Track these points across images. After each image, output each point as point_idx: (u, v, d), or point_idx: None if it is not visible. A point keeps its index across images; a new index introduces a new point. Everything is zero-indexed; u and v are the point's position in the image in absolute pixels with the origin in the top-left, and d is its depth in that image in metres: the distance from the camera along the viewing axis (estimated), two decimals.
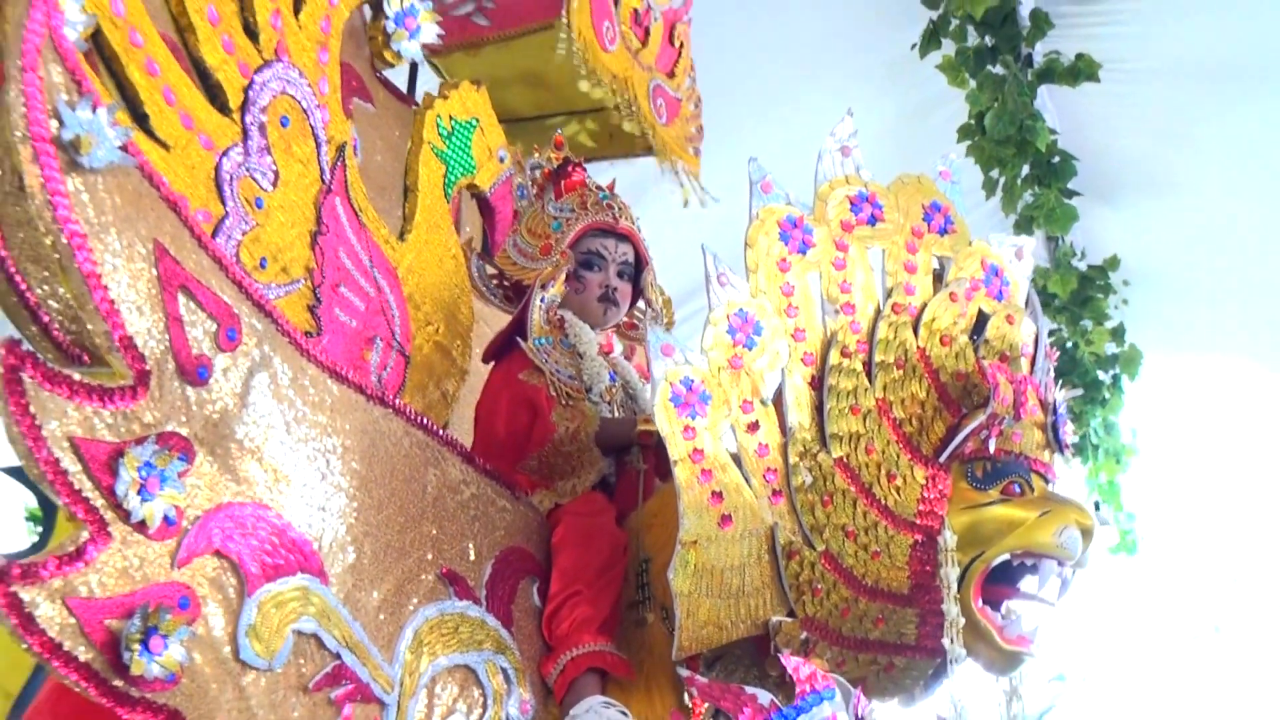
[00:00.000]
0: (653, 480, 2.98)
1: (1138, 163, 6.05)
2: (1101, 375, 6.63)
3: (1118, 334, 6.59)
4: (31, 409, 1.75)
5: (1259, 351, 6.89)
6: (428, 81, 3.29)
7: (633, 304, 3.28)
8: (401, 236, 2.50)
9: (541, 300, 3.00)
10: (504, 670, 2.47)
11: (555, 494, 2.87)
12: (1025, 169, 5.61)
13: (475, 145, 2.68)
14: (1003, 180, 5.62)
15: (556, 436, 2.88)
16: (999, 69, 5.44)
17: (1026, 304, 2.87)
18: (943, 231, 2.81)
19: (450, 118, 2.62)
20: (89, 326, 1.84)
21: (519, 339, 2.95)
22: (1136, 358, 6.61)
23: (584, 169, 3.18)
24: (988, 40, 5.46)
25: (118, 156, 1.85)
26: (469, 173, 2.66)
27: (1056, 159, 5.66)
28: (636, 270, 3.24)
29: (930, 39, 5.49)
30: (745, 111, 4.19)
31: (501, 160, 2.77)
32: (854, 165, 2.79)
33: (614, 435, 2.98)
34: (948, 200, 2.85)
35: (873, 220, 2.76)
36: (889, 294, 2.72)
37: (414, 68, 3.31)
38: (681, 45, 3.78)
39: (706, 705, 2.56)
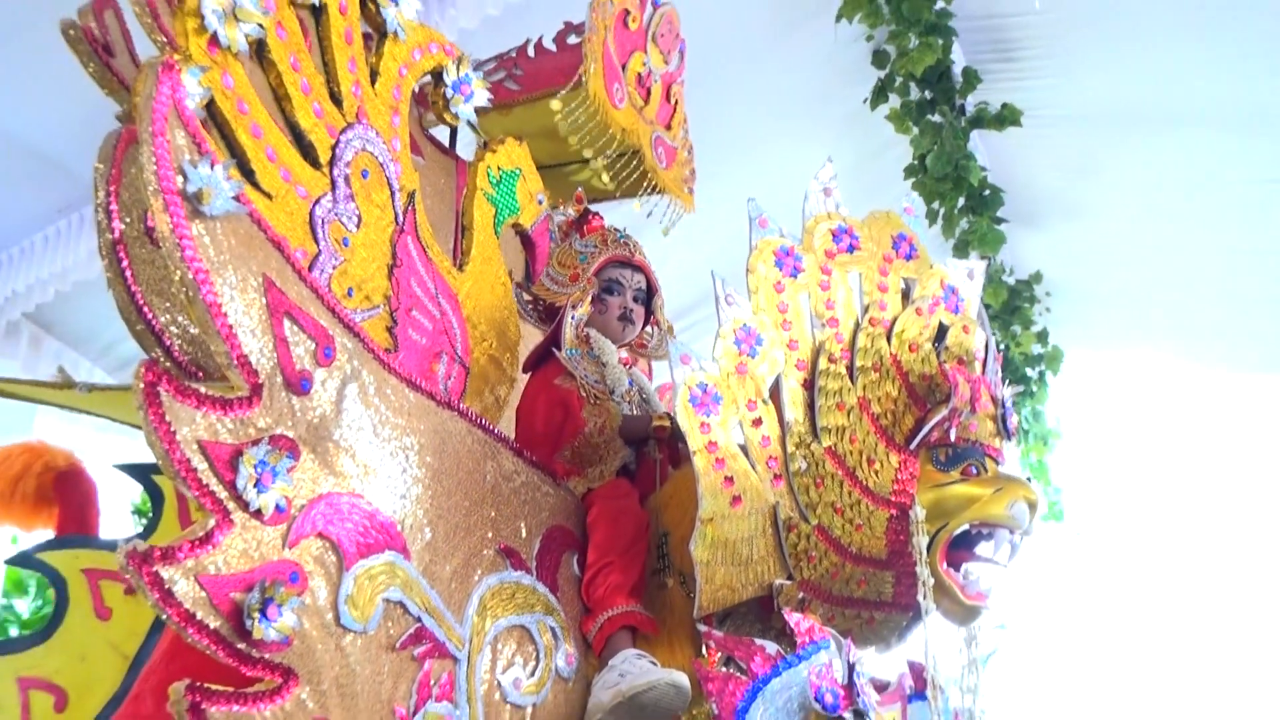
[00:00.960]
0: (667, 467, 2.99)
1: (1056, 193, 6.13)
2: (1030, 372, 6.67)
3: (1042, 337, 6.61)
4: (167, 417, 1.75)
5: (1162, 345, 7.00)
6: (464, 137, 3.32)
7: (644, 325, 3.32)
8: (460, 267, 2.50)
9: (572, 318, 3.03)
10: (552, 629, 2.47)
11: (586, 480, 2.88)
12: (961, 201, 5.68)
13: (519, 190, 2.69)
14: (942, 211, 5.68)
15: (586, 430, 2.90)
16: (937, 118, 5.52)
17: (977, 317, 2.89)
18: (908, 257, 2.83)
19: (499, 168, 2.63)
20: (212, 347, 1.84)
21: (554, 350, 2.98)
22: (1059, 356, 6.63)
23: (601, 216, 3.26)
24: (927, 94, 5.54)
25: (232, 206, 1.86)
26: (514, 213, 2.67)
27: (987, 192, 5.73)
28: (648, 296, 3.31)
29: (879, 93, 5.57)
30: (726, 154, 4.20)
31: (540, 203, 2.79)
32: (834, 203, 2.81)
33: (633, 429, 3.00)
34: (911, 231, 2.87)
35: (851, 249, 2.77)
36: (866, 310, 2.74)
37: (453, 127, 3.35)
38: (677, 102, 3.78)
39: (720, 654, 2.57)
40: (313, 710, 1.90)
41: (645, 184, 3.70)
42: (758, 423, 2.58)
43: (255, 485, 1.86)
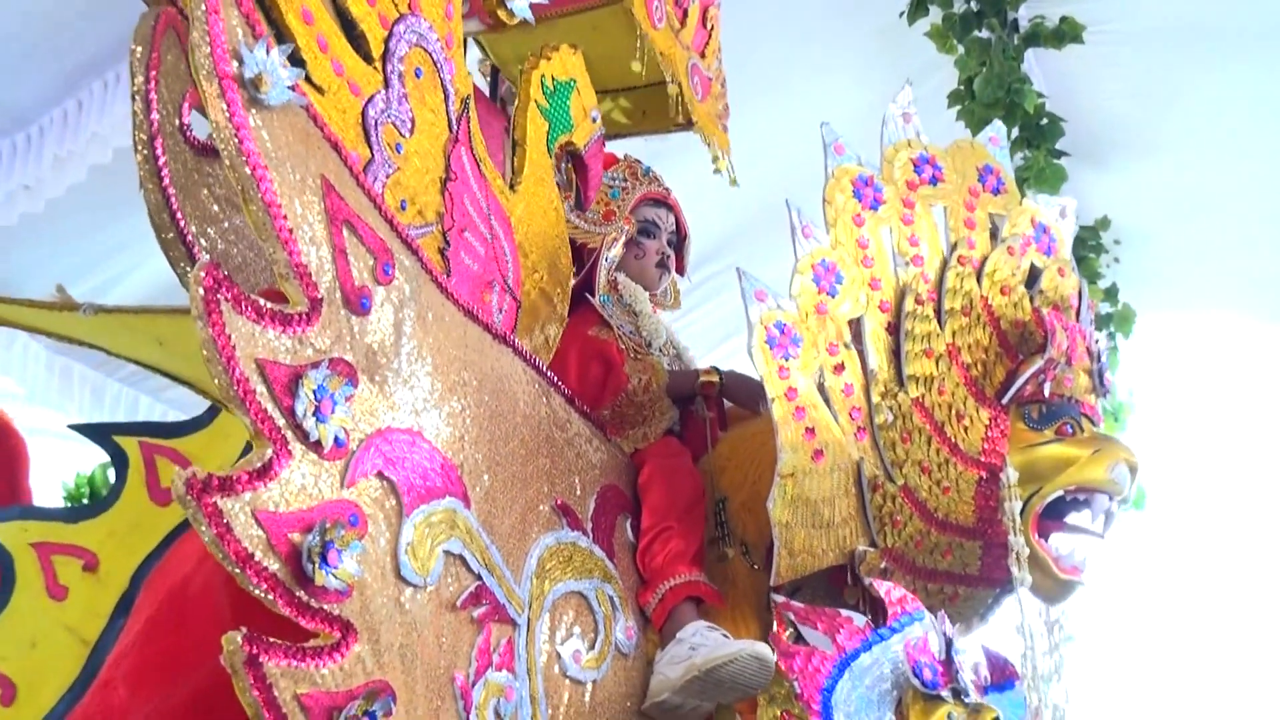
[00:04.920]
0: (717, 428, 3.01)
1: (1124, 124, 5.90)
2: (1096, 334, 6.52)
3: (1111, 294, 6.43)
4: (228, 330, 1.73)
5: (1250, 306, 6.77)
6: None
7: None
8: (512, 187, 2.48)
9: (606, 260, 3.03)
10: (611, 598, 2.47)
11: (628, 442, 2.87)
12: (1015, 132, 5.46)
13: (573, 105, 2.68)
14: None
15: (630, 387, 2.90)
16: (986, 34, 5.33)
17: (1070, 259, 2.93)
18: (995, 191, 2.86)
19: (553, 78, 2.61)
20: (270, 255, 1.81)
21: (587, 295, 2.97)
22: (1130, 316, 6.48)
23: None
24: (974, 5, 5.34)
25: (290, 96, 1.84)
26: (567, 131, 2.66)
27: (1045, 121, 5.51)
28: (679, 240, 3.32)
29: (918, 6, 5.35)
30: (736, 84, 4.15)
31: (594, 120, 2.77)
32: (914, 130, 2.83)
33: (679, 386, 3.00)
34: (998, 163, 2.90)
35: (934, 180, 2.80)
36: (953, 247, 2.76)
37: (494, 72, 3.35)
38: (712, 28, 3.78)
39: (789, 632, 2.58)
40: (371, 671, 1.88)
41: (671, 118, 3.68)
42: (839, 369, 2.60)
43: (314, 414, 1.84)
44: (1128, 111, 5.87)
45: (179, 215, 1.99)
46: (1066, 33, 5.36)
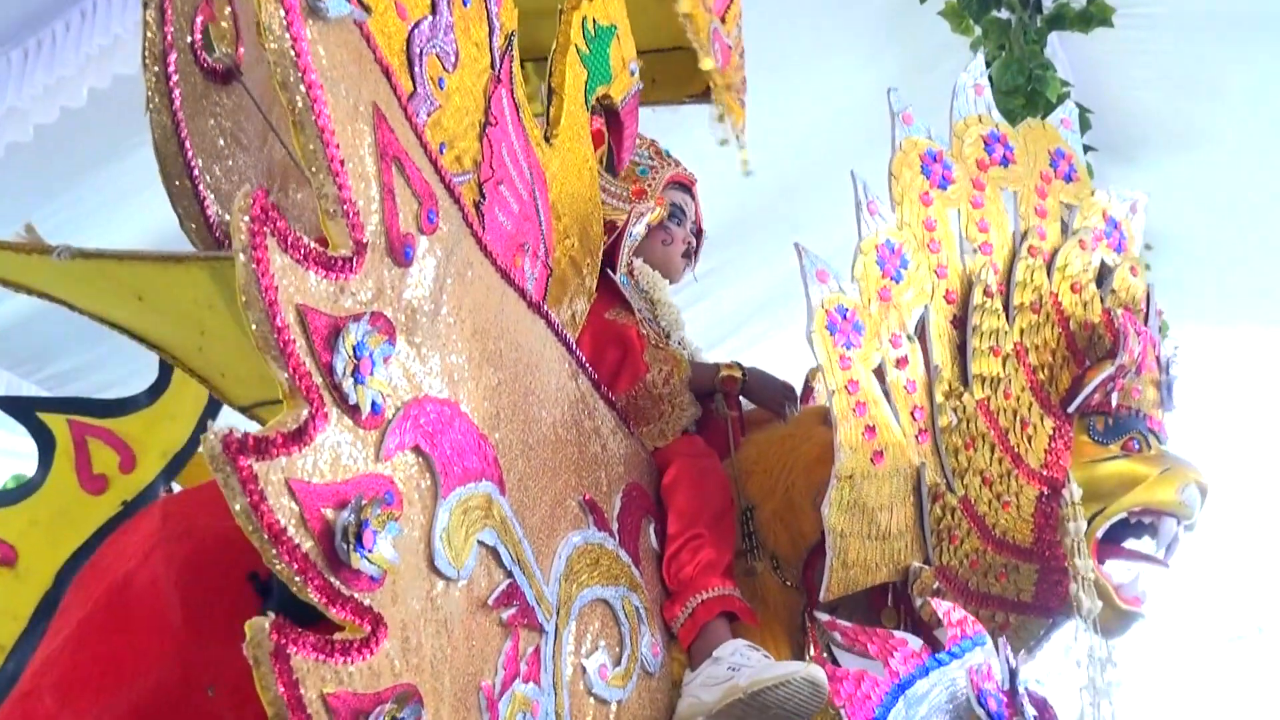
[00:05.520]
0: (739, 428, 3.00)
1: (1156, 116, 5.89)
2: None
3: None
4: (273, 269, 1.68)
5: None
6: None
7: None
8: (548, 140, 2.45)
9: (631, 236, 3.01)
10: (637, 609, 2.44)
11: (645, 438, 2.85)
12: None
13: (613, 54, 2.65)
14: None
15: (649, 378, 2.87)
16: (1006, 14, 5.35)
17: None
18: (1068, 178, 2.88)
19: (594, 21, 2.59)
20: (318, 186, 1.76)
21: (608, 272, 2.95)
22: (1163, 329, 6.38)
23: None
24: None
25: (347, 9, 1.80)
26: (605, 82, 2.63)
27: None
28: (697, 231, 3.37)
29: None
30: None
31: (633, 74, 2.75)
32: (985, 104, 2.84)
33: (698, 381, 2.98)
34: (1070, 148, 2.92)
35: (1005, 162, 2.81)
36: (1023, 236, 2.77)
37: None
38: None
39: (825, 655, 2.58)
40: (399, 672, 1.83)
41: (685, 88, 3.68)
42: (902, 362, 2.59)
43: (354, 374, 1.78)
44: (1160, 103, 5.86)
45: (187, 145, 1.93)
46: (1094, 15, 5.35)
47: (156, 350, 2.49)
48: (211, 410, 3.01)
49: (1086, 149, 5.45)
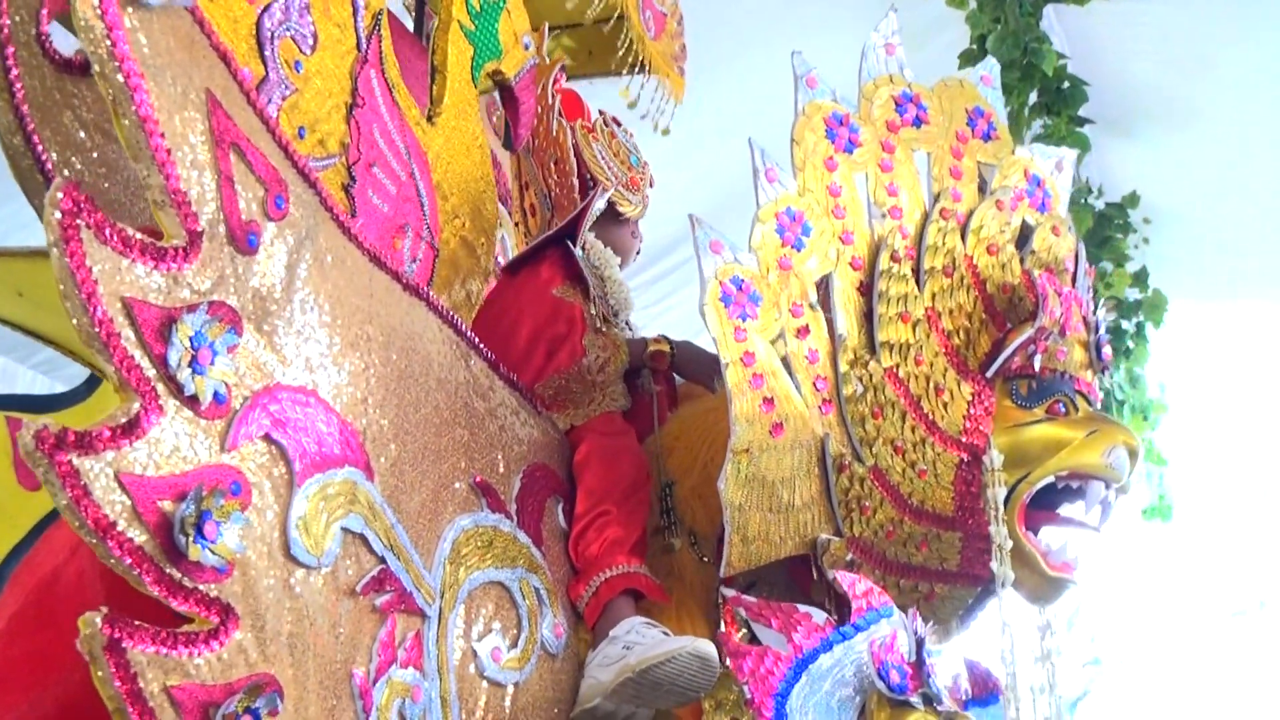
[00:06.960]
0: (665, 403, 2.99)
1: (1155, 90, 5.84)
2: (1124, 323, 6.32)
3: (1140, 278, 6.33)
4: (89, 261, 1.69)
5: None
6: None
7: None
8: (430, 120, 2.45)
9: (593, 212, 3.02)
10: (536, 590, 2.45)
11: (564, 418, 2.83)
12: (1033, 96, 5.45)
13: (502, 29, 2.64)
14: (1009, 108, 5.30)
15: (585, 362, 2.84)
16: None
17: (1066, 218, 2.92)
18: (986, 137, 2.85)
19: None
20: (143, 177, 1.78)
21: (568, 242, 2.93)
22: (1161, 304, 6.34)
23: None
24: None
25: None
26: (495, 58, 2.62)
27: (1066, 85, 5.49)
28: None
29: None
30: (722, 37, 4.13)
31: (527, 48, 2.74)
32: (898, 64, 2.81)
33: (629, 357, 2.97)
34: (990, 106, 2.89)
35: (918, 122, 2.79)
36: (936, 199, 2.75)
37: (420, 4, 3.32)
38: None
39: (742, 633, 2.57)
40: (255, 662, 1.85)
41: (619, 60, 3.66)
42: (803, 332, 2.58)
43: (191, 364, 1.80)
44: (1159, 76, 5.80)
45: (35, 139, 1.94)
46: None
47: (47, 343, 2.53)
48: None
49: (1083, 122, 5.47)
